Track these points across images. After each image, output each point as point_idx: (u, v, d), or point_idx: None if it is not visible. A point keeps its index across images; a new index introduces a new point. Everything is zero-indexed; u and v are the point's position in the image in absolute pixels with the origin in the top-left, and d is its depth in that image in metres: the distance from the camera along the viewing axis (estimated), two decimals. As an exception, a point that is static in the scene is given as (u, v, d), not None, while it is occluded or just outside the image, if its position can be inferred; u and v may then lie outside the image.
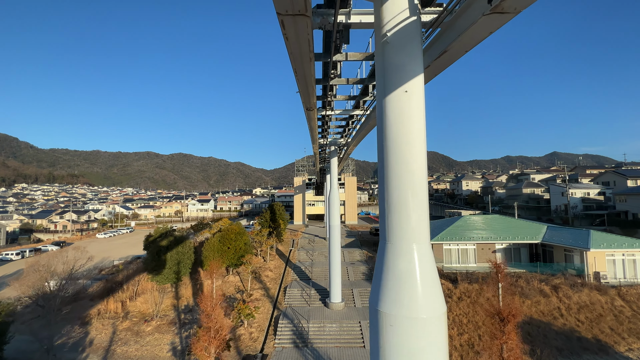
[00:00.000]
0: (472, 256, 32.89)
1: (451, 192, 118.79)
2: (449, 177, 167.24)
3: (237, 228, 33.91)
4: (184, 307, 28.41)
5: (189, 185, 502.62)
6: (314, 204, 78.90)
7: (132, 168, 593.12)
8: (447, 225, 35.94)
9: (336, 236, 28.34)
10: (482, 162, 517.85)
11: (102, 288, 31.85)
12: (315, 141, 24.80)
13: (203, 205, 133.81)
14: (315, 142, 25.17)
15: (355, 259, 40.50)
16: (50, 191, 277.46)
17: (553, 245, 30.77)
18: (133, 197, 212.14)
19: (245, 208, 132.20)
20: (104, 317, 26.56)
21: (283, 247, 45.10)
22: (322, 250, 43.70)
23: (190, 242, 33.05)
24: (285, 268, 37.22)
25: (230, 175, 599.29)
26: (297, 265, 38.30)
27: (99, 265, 48.45)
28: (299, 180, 77.91)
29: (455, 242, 32.47)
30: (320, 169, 52.34)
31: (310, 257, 41.46)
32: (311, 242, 48.18)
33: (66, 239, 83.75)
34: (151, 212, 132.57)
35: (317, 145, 26.84)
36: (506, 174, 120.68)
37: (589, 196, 64.26)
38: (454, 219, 38.14)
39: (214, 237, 32.74)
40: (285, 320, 25.56)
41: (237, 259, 32.89)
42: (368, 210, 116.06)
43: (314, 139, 24.14)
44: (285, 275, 35.43)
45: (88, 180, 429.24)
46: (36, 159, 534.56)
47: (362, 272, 35.96)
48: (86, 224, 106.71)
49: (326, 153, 38.31)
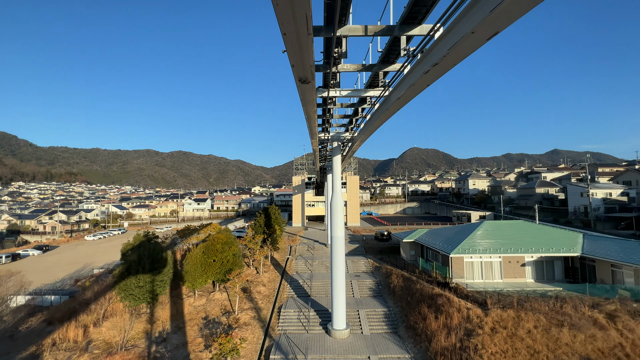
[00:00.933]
0: (497, 271, 28.20)
1: (457, 192, 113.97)
2: (453, 176, 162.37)
3: (223, 237, 29.26)
4: (157, 335, 23.81)
5: (189, 183, 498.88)
6: (314, 204, 74.24)
7: (131, 166, 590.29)
8: (465, 233, 31.26)
9: (340, 250, 23.67)
10: (483, 159, 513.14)
11: (65, 308, 27.25)
12: (314, 135, 20.11)
13: (199, 204, 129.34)
14: (314, 136, 20.47)
15: (360, 270, 35.88)
16: (47, 190, 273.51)
17: (595, 259, 26.08)
18: (131, 195, 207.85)
19: (243, 208, 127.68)
20: (59, 349, 21.97)
21: (279, 255, 40.48)
22: (322, 259, 39.08)
23: (168, 254, 28.38)
24: (280, 281, 32.60)
25: (230, 173, 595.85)
26: (294, 277, 33.68)
27: (76, 275, 43.85)
28: (297, 179, 73.19)
29: (479, 255, 27.76)
30: (320, 168, 47.57)
31: (309, 267, 36.83)
32: (310, 249, 43.54)
33: (52, 242, 79.31)
34: (146, 211, 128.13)
35: (316, 140, 22.15)
36: (514, 172, 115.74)
37: (610, 197, 59.50)
38: (472, 226, 33.40)
39: (197, 249, 28.07)
40: (279, 355, 20.94)
41: (223, 274, 28.27)
42: (370, 210, 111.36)
43: (312, 133, 19.45)
44: (281, 290, 30.82)
45: (86, 178, 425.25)
46: (35, 156, 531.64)
47: (368, 286, 31.30)
48: (77, 224, 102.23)
49: (327, 150, 33.51)
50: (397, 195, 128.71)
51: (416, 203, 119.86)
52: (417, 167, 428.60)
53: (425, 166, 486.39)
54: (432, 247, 30.92)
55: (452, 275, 27.77)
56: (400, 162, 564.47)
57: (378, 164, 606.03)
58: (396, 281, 29.86)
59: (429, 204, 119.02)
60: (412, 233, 37.15)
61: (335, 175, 24.43)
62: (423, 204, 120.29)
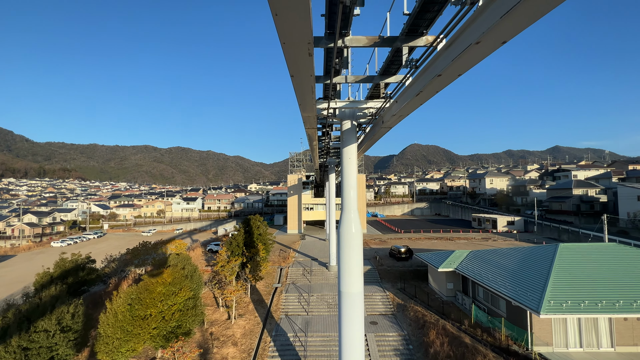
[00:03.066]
0: (605, 334, 17.56)
1: (472, 191, 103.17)
2: (460, 173, 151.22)
3: (168, 277, 18.56)
4: None
5: (187, 180, 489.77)
6: (313, 207, 63.57)
7: (129, 162, 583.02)
8: (539, 265, 20.62)
9: (354, 324, 13.03)
10: (483, 155, 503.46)
11: None
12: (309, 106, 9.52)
13: (189, 204, 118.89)
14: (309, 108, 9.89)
15: (377, 310, 25.31)
16: (37, 186, 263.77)
17: None
18: (123, 192, 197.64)
19: (237, 207, 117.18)
20: None
21: (264, 284, 29.89)
22: (323, 290, 28.48)
23: (69, 308, 17.66)
24: (260, 335, 22.02)
25: (229, 170, 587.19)
26: (282, 327, 23.10)
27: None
28: (293, 178, 62.42)
29: (577, 312, 16.97)
30: (320, 166, 36.85)
31: (304, 306, 26.21)
32: (307, 274, 32.91)
33: (9, 250, 68.83)
34: (131, 211, 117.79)
35: (313, 114, 11.51)
36: (535, 170, 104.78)
37: (673, 201, 48.81)
38: (543, 253, 22.60)
39: (120, 300, 17.34)
40: None
41: (165, 336, 17.72)
42: (374, 210, 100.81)
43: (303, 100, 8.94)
44: (260, 353, 20.24)
45: (81, 174, 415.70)
46: (31, 152, 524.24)
47: (393, 347, 20.67)
48: (50, 227, 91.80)
49: (330, 138, 22.68)
50: (403, 195, 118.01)
51: (425, 204, 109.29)
52: (418, 164, 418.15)
53: (426, 163, 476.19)
54: (494, 289, 20.20)
55: (534, 341, 17.17)
56: (400, 158, 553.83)
57: (378, 161, 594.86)
58: (437, 342, 19.25)
59: (440, 204, 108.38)
60: (448, 258, 26.48)
61: (346, 176, 13.56)
62: (432, 204, 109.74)
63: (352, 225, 12.83)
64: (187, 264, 22.52)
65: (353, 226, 12.84)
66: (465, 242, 49.52)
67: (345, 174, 13.52)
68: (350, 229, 12.82)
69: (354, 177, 13.67)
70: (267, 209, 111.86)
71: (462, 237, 55.08)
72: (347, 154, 13.39)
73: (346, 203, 13.31)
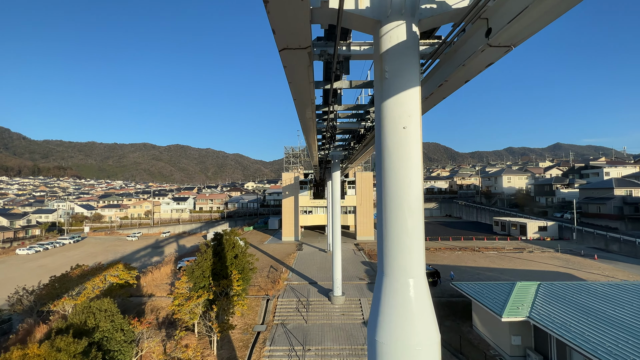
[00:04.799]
0: None
1: (487, 190, 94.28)
2: (467, 171, 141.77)
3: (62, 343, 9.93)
4: None
5: (186, 178, 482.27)
6: (311, 210, 54.88)
7: (127, 160, 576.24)
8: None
9: None
10: (484, 153, 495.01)
11: None
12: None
13: (180, 204, 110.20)
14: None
15: None
16: (29, 185, 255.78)
17: None
18: (117, 191, 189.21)
19: (230, 208, 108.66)
20: None
21: (240, 331, 21.19)
22: (324, 339, 19.80)
23: None
24: None
25: (228, 167, 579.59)
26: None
27: None
28: (289, 176, 53.59)
29: None
30: (320, 162, 28.15)
31: (296, 367, 17.56)
32: (302, 308, 24.16)
33: (-35, 259, 60.43)
34: (117, 212, 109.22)
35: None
36: (557, 168, 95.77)
37: None
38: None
39: None
40: None
41: None
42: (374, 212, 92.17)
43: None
44: None
45: (77, 172, 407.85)
46: (29, 150, 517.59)
47: None
48: (23, 230, 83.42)
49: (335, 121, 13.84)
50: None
51: (435, 204, 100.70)
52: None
53: (426, 160, 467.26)
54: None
55: None
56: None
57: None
58: None
59: (451, 204, 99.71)
60: (510, 297, 17.65)
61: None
62: (442, 204, 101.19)
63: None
64: (106, 318, 13.84)
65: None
66: (496, 255, 40.85)
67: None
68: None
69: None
70: (264, 209, 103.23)
71: (489, 246, 46.34)
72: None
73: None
